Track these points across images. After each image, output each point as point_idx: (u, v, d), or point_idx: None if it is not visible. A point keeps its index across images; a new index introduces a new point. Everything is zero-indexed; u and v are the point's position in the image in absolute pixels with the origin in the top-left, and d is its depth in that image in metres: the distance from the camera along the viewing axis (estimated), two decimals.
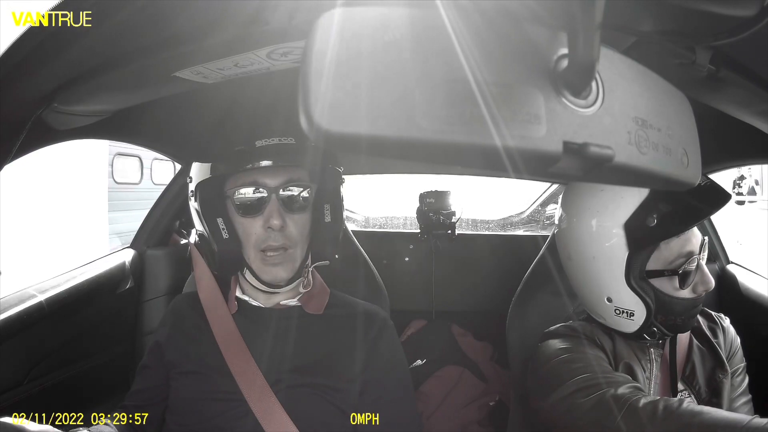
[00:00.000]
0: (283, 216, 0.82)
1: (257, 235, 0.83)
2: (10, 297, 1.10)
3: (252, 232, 0.83)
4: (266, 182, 0.82)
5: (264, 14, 0.52)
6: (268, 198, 0.82)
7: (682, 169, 0.39)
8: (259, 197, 0.82)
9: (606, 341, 0.90)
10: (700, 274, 0.84)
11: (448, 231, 1.75)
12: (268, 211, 0.81)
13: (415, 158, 0.33)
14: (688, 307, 0.85)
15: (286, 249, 0.83)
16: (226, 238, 0.82)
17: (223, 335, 0.86)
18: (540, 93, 0.31)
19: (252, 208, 0.83)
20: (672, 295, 0.84)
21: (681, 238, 0.84)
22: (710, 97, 0.65)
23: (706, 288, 0.84)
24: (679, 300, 0.84)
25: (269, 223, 0.81)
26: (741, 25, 0.43)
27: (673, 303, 0.84)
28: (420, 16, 0.30)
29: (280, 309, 0.89)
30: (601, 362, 0.84)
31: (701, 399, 0.89)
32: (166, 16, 0.54)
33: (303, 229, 0.86)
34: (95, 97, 0.70)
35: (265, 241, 0.82)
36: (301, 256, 0.86)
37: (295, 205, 0.84)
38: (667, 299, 0.84)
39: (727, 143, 1.00)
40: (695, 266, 0.83)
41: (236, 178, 0.84)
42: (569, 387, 0.80)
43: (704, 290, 0.84)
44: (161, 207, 1.48)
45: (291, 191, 0.84)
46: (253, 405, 0.81)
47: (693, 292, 0.85)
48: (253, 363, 0.84)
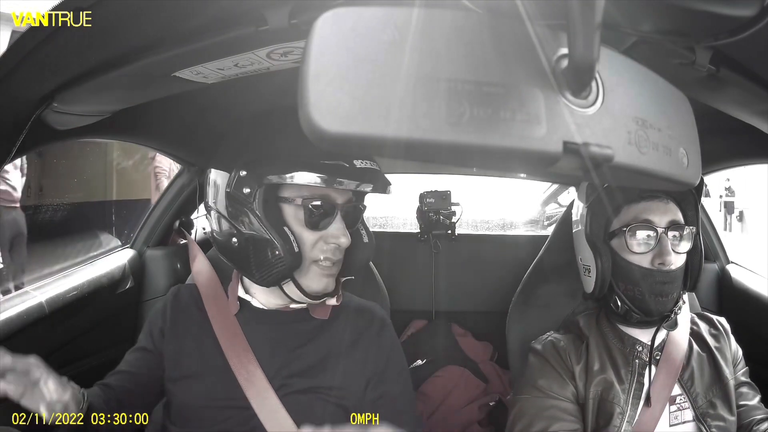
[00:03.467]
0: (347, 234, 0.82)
1: (316, 249, 0.80)
2: (10, 297, 1.10)
3: (309, 244, 0.80)
4: (336, 198, 0.81)
5: (264, 14, 0.52)
6: (335, 214, 0.81)
7: (682, 169, 0.39)
8: (326, 212, 0.80)
9: (577, 358, 0.92)
10: (660, 246, 0.85)
11: (448, 231, 1.75)
12: (336, 228, 0.80)
13: (416, 158, 0.33)
14: (644, 277, 0.86)
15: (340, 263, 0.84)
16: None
17: (226, 336, 0.85)
18: (540, 93, 0.31)
19: (320, 221, 0.80)
20: (627, 259, 0.87)
21: (640, 206, 0.87)
22: (710, 97, 0.65)
23: (662, 261, 0.85)
24: (635, 267, 0.86)
25: (337, 241, 0.80)
26: (741, 25, 0.43)
27: (630, 268, 0.87)
28: (420, 16, 0.30)
29: (284, 311, 0.88)
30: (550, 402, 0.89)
31: (698, 407, 0.89)
32: (166, 16, 0.54)
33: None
34: (95, 97, 0.70)
35: (324, 254, 0.80)
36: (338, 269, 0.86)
37: (350, 223, 0.83)
38: (624, 263, 0.88)
39: (727, 143, 1.00)
40: (656, 238, 0.86)
41: (308, 187, 0.79)
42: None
43: (660, 263, 0.85)
44: (161, 207, 1.48)
45: (351, 209, 0.84)
46: (258, 411, 0.80)
47: (651, 264, 0.86)
48: (258, 367, 0.83)
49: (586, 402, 0.88)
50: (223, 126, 1.00)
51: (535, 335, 1.00)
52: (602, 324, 0.95)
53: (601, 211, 0.90)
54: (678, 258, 0.87)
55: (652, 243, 0.86)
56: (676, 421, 0.88)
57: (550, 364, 0.92)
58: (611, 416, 0.86)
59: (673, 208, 0.88)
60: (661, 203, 0.87)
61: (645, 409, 0.87)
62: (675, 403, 0.89)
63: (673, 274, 0.86)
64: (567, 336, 0.95)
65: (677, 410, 0.88)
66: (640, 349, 0.90)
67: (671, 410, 0.88)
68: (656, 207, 0.87)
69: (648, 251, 0.86)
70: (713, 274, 1.40)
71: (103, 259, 1.39)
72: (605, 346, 0.92)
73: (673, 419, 0.88)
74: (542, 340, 0.97)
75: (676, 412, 0.88)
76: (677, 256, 0.87)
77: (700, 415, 0.88)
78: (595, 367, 0.90)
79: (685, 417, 0.89)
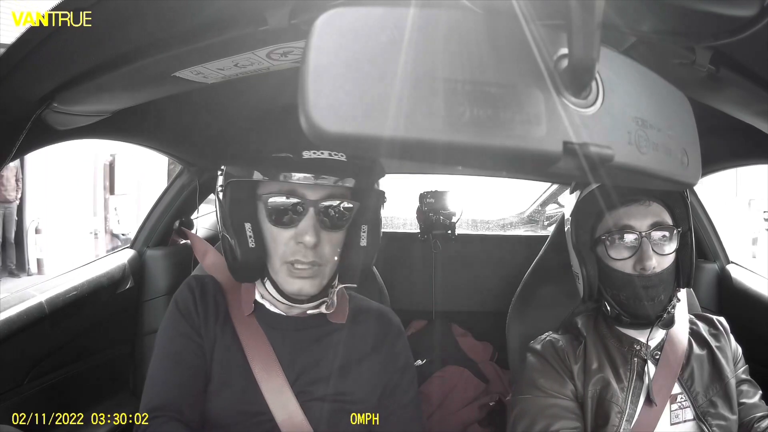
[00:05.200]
0: (318, 233, 0.76)
1: (286, 247, 0.77)
2: (10, 297, 1.10)
3: (281, 243, 0.77)
4: (305, 194, 0.76)
5: (264, 14, 0.52)
6: (305, 211, 0.76)
7: (682, 169, 0.39)
8: (295, 209, 0.76)
9: (575, 358, 0.92)
10: (640, 252, 0.85)
11: (448, 231, 1.75)
12: (303, 226, 0.75)
13: (415, 158, 0.32)
14: (627, 283, 0.86)
15: (319, 265, 0.78)
16: (252, 247, 0.77)
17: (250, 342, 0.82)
18: (540, 93, 0.31)
19: (286, 218, 0.76)
20: (610, 265, 0.88)
21: (620, 211, 0.87)
22: (710, 97, 0.65)
23: (642, 266, 0.84)
24: (618, 273, 0.87)
25: (302, 239, 0.75)
26: (741, 25, 0.42)
27: (613, 274, 0.87)
28: (419, 16, 0.30)
29: (302, 317, 0.85)
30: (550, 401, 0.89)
31: (698, 406, 0.89)
32: (166, 16, 0.54)
33: (337, 247, 0.80)
34: (95, 97, 0.70)
35: (294, 254, 0.76)
36: (330, 274, 0.81)
37: (332, 223, 0.78)
38: (607, 270, 0.88)
39: (727, 143, 1.00)
40: (638, 243, 0.85)
41: (273, 183, 0.77)
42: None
43: (641, 268, 0.85)
44: (161, 207, 1.48)
45: (330, 207, 0.77)
46: (277, 416, 0.79)
47: (633, 269, 0.86)
48: (281, 373, 0.80)
49: (584, 401, 0.88)
50: (221, 126, 1.00)
51: (535, 335, 1.00)
52: (600, 324, 0.95)
53: (585, 218, 0.91)
54: (663, 260, 0.86)
55: (634, 248, 0.86)
56: (677, 420, 0.88)
57: (550, 363, 0.92)
58: (610, 415, 0.86)
59: (655, 209, 0.87)
60: (642, 206, 0.86)
61: (645, 408, 0.87)
62: (675, 402, 0.89)
63: (657, 277, 0.85)
64: (565, 336, 0.95)
65: (678, 409, 0.88)
66: (639, 348, 0.90)
67: (672, 409, 0.88)
68: (636, 211, 0.86)
69: (629, 257, 0.86)
70: (713, 274, 1.40)
71: (103, 259, 1.40)
72: (603, 346, 0.92)
73: (673, 418, 0.88)
74: (541, 340, 0.97)
75: (676, 410, 0.88)
76: (662, 258, 0.86)
77: (701, 414, 0.88)
78: (593, 366, 0.90)
79: (686, 416, 0.89)
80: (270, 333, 0.84)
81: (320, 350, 0.84)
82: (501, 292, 1.47)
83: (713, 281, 1.39)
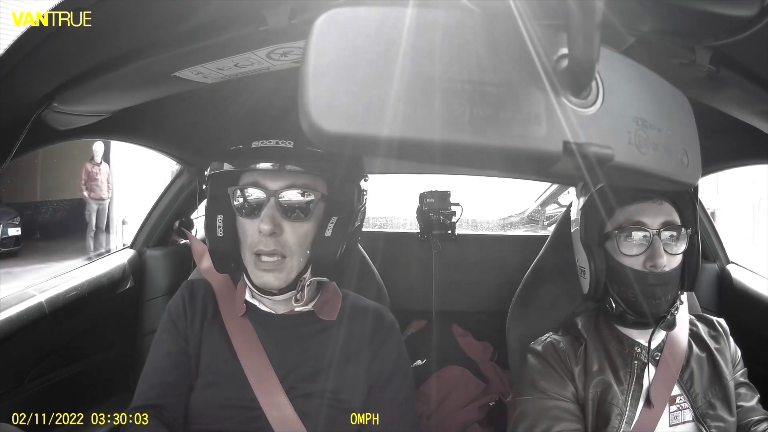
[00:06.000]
0: (279, 222, 0.79)
1: (252, 238, 0.80)
2: (10, 297, 1.10)
3: (249, 234, 0.80)
4: (266, 184, 0.79)
5: (264, 14, 0.52)
6: (266, 201, 0.79)
7: (682, 169, 0.39)
8: (257, 199, 0.80)
9: (576, 360, 0.92)
10: (651, 249, 0.85)
11: (448, 231, 1.75)
12: (263, 215, 0.78)
13: (415, 158, 0.32)
14: (636, 279, 0.86)
15: (283, 257, 0.80)
16: (219, 236, 0.82)
17: (240, 338, 0.85)
18: (540, 93, 0.31)
19: (250, 209, 0.80)
20: (620, 261, 0.87)
21: (632, 208, 0.87)
22: (710, 97, 0.65)
23: (653, 263, 0.84)
24: (628, 269, 0.86)
25: (259, 227, 0.78)
26: (741, 25, 0.43)
27: (622, 270, 0.86)
28: (419, 16, 0.30)
29: (292, 315, 0.87)
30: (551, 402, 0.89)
31: (697, 407, 0.89)
32: (166, 16, 0.54)
33: (303, 238, 0.81)
34: (95, 97, 0.70)
35: (258, 245, 0.79)
36: (299, 267, 0.82)
37: (293, 212, 0.80)
38: (617, 266, 0.87)
39: (727, 143, 1.00)
40: (649, 240, 0.85)
41: (242, 177, 0.82)
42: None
43: (651, 265, 0.84)
44: (161, 207, 1.48)
45: (290, 196, 0.80)
46: (267, 412, 0.80)
47: (643, 266, 0.86)
48: (270, 370, 0.82)
49: (585, 403, 0.88)
50: (221, 126, 1.00)
51: (535, 335, 1.00)
52: (601, 325, 0.95)
53: (595, 213, 0.90)
54: (672, 259, 0.86)
55: (645, 245, 0.86)
56: (676, 422, 0.88)
57: (551, 365, 0.92)
58: (610, 417, 0.86)
59: (667, 208, 0.87)
60: (654, 204, 0.87)
61: (645, 410, 0.87)
62: (675, 404, 0.89)
63: (666, 276, 0.85)
64: (565, 337, 0.95)
65: (677, 410, 0.88)
66: (639, 351, 0.90)
67: (671, 410, 0.88)
68: (648, 208, 0.87)
69: (640, 253, 0.86)
70: (713, 274, 1.40)
71: (103, 259, 1.40)
72: (603, 348, 0.92)
73: (673, 419, 0.88)
74: (542, 342, 0.97)
75: (676, 412, 0.88)
76: (671, 258, 0.86)
77: (700, 416, 0.88)
78: (593, 368, 0.90)
79: (685, 417, 0.89)
80: (260, 331, 0.86)
81: (311, 347, 0.85)
82: (501, 292, 1.47)
83: (713, 281, 1.39)
